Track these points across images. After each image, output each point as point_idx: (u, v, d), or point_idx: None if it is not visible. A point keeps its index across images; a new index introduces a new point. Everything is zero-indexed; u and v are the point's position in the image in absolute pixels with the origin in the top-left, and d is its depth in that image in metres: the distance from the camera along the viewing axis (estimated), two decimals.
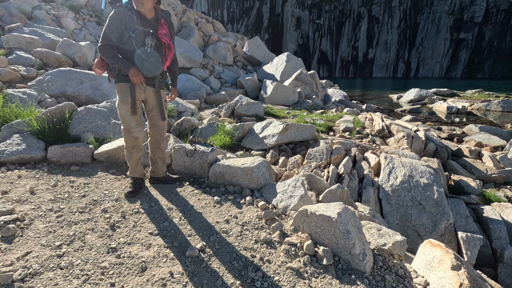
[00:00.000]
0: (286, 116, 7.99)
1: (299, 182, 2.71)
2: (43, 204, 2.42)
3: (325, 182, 3.31)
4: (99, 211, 2.40)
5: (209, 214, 2.54)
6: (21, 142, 3.41)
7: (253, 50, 16.38)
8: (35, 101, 4.88)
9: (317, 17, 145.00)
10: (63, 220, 2.23)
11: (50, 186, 2.76)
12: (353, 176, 3.74)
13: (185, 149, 3.29)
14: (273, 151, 4.41)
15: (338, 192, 3.06)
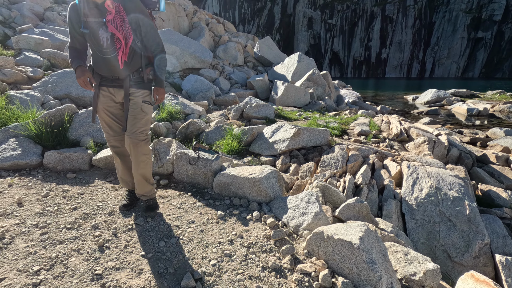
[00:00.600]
0: (298, 119, 7.65)
1: (313, 196, 2.39)
2: (29, 219, 2.19)
3: (342, 194, 2.98)
4: (89, 228, 2.16)
5: (211, 232, 2.25)
6: (16, 147, 3.22)
7: (263, 51, 16.08)
8: (38, 103, 4.73)
9: (329, 17, 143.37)
10: (47, 239, 1.99)
11: (40, 196, 2.54)
12: (372, 187, 3.39)
13: (188, 156, 3.03)
14: (283, 157, 4.10)
15: (356, 207, 2.72)
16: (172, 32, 10.55)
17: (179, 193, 2.82)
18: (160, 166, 3.18)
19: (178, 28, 14.90)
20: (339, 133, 6.30)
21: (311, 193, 2.43)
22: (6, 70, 5.50)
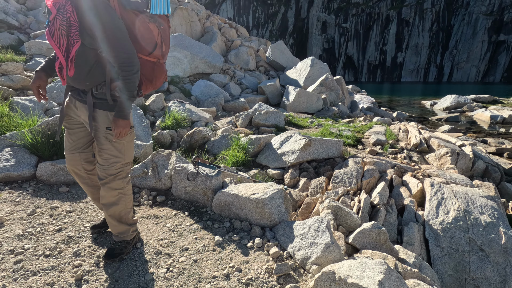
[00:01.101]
0: (309, 126, 7.33)
1: (323, 224, 2.08)
2: (7, 242, 1.99)
3: (356, 216, 2.65)
4: (70, 255, 1.93)
5: (206, 262, 1.98)
6: (10, 157, 3.08)
7: (276, 55, 15.84)
8: (42, 109, 4.64)
9: (344, 21, 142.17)
10: (21, 269, 1.77)
11: (26, 214, 2.35)
12: (391, 208, 3.04)
13: (187, 171, 2.78)
14: (292, 171, 3.80)
15: (373, 234, 2.39)
16: (183, 37, 10.47)
17: (176, 212, 2.58)
18: (158, 181, 2.95)
19: (191, 33, 14.89)
20: (353, 142, 5.93)
21: (321, 220, 2.13)
22: (14, 76, 5.48)
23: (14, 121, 3.81)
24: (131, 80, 1.60)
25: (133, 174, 3.03)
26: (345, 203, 3.09)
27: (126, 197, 1.91)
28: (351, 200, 3.17)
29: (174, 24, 14.14)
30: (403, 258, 2.37)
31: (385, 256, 2.16)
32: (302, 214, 3.06)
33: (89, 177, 1.96)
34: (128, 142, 1.83)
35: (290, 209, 2.51)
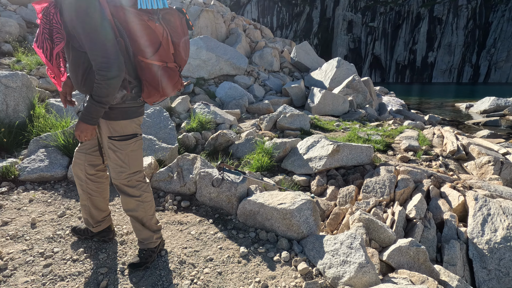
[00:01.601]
0: (336, 129, 7.08)
1: (356, 241, 1.93)
2: (37, 244, 2.02)
3: (390, 231, 2.46)
4: (96, 261, 1.92)
5: (231, 275, 1.90)
6: (44, 158, 3.19)
7: (300, 56, 15.60)
8: (75, 111, 4.82)
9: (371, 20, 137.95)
10: (50, 273, 1.78)
11: (56, 216, 2.40)
12: (429, 222, 2.80)
13: (212, 177, 2.73)
14: (319, 178, 3.63)
15: (411, 252, 2.19)
16: (209, 39, 10.57)
17: (200, 219, 2.53)
18: (182, 186, 2.92)
19: (216, 34, 15.04)
20: (383, 147, 5.63)
21: (354, 236, 1.97)
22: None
23: (49, 123, 3.97)
24: (102, 85, 1.45)
25: (158, 178, 3.03)
26: (377, 215, 2.89)
27: (145, 204, 1.86)
28: (383, 212, 2.96)
29: (200, 26, 14.35)
30: (444, 280, 2.15)
31: (425, 279, 1.97)
32: (330, 225, 2.91)
33: (86, 181, 1.88)
34: (131, 151, 1.74)
35: (319, 221, 2.37)
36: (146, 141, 3.71)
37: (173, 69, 1.68)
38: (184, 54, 1.76)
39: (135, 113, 1.71)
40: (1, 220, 2.23)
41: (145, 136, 3.78)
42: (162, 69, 1.63)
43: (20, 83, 4.14)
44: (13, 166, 2.99)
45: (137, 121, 1.75)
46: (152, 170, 3.09)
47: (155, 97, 1.70)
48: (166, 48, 1.62)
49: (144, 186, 1.85)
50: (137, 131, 1.76)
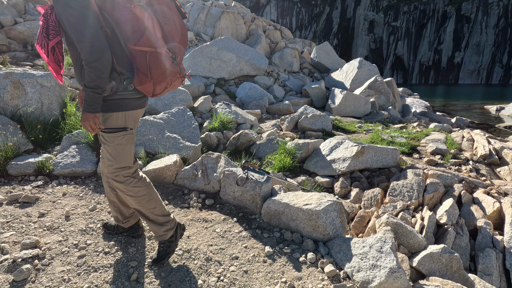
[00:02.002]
0: (357, 131, 6.93)
1: (387, 245, 1.87)
2: (71, 236, 2.11)
3: (420, 236, 2.36)
4: (126, 255, 1.98)
5: (257, 274, 1.90)
6: (76, 154, 3.33)
7: (321, 56, 15.41)
8: None
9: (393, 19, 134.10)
10: (84, 263, 1.85)
11: (87, 210, 2.49)
12: (461, 229, 2.66)
13: (236, 176, 2.74)
14: (343, 180, 3.56)
15: (443, 259, 2.10)
16: (230, 40, 10.67)
17: (224, 217, 2.54)
18: (207, 184, 2.96)
19: (236, 35, 15.17)
20: (408, 150, 5.45)
21: (384, 240, 1.91)
22: None
23: (80, 121, 4.14)
24: (87, 70, 1.47)
25: (183, 175, 3.08)
26: (405, 220, 2.79)
27: (140, 199, 1.82)
28: (411, 217, 2.86)
29: (221, 27, 14.53)
30: None
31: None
32: (355, 228, 2.84)
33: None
34: (118, 145, 1.71)
35: (345, 223, 2.32)
36: (171, 140, 3.79)
37: (163, 54, 1.63)
38: (178, 39, 1.71)
39: (129, 105, 1.68)
40: (39, 212, 2.35)
41: (169, 135, 3.86)
42: (150, 55, 1.58)
43: (54, 82, 4.35)
44: (48, 161, 3.14)
45: (131, 115, 1.72)
46: (177, 167, 3.15)
47: (147, 85, 1.64)
48: (153, 33, 1.59)
49: (133, 182, 1.81)
50: (128, 125, 1.72)
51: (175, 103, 5.79)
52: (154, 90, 1.67)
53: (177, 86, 1.83)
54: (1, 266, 1.76)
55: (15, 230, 2.12)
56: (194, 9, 14.95)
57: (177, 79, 1.73)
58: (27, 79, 4.07)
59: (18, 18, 8.35)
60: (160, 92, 1.72)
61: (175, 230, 1.96)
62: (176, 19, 1.72)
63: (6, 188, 2.71)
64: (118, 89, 1.62)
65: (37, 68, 6.59)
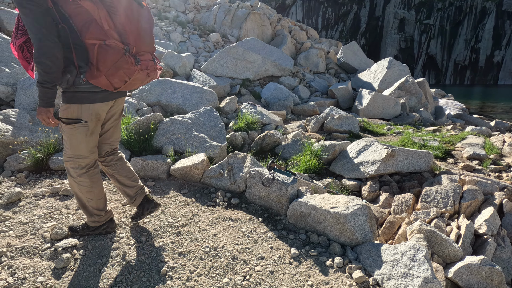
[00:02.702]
0: (386, 133, 6.68)
1: (420, 253, 1.78)
2: None
3: (456, 246, 2.23)
4: (155, 249, 2.05)
5: (283, 276, 1.88)
6: None
7: (348, 57, 15.04)
8: (134, 109, 5.23)
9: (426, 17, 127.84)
10: (117, 255, 1.94)
11: (120, 204, 2.61)
12: (503, 240, 2.48)
13: (262, 176, 2.74)
14: (371, 183, 3.45)
15: (483, 272, 1.96)
16: (256, 41, 10.72)
17: (250, 217, 2.55)
18: (233, 183, 2.99)
19: (262, 36, 15.22)
20: (441, 154, 5.16)
21: (417, 248, 1.82)
22: None
23: None
24: (36, 66, 1.53)
25: (209, 174, 3.14)
26: (439, 228, 2.64)
27: (81, 187, 1.92)
28: (446, 225, 2.70)
29: (246, 28, 14.65)
30: None
31: None
32: (384, 233, 2.74)
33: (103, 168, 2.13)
34: (72, 135, 1.79)
35: (375, 228, 2.24)
36: (198, 139, 3.87)
37: (112, 46, 1.61)
38: (133, 30, 1.70)
39: (85, 99, 1.71)
40: (76, 205, 2.50)
41: (197, 134, 3.95)
42: (99, 47, 1.59)
43: None
44: None
45: (88, 108, 1.74)
46: (204, 166, 3.21)
47: (101, 79, 1.65)
48: (100, 25, 1.59)
49: (81, 172, 1.88)
50: (83, 118, 1.75)
51: (202, 103, 5.92)
52: (112, 84, 1.69)
53: (146, 80, 1.84)
54: (44, 253, 1.89)
55: (56, 221, 2.27)
56: (221, 11, 15.20)
57: (138, 72, 1.72)
58: None
59: None
60: (121, 85, 1.73)
61: (103, 224, 2.12)
62: (133, 9, 1.69)
63: (48, 181, 2.91)
64: (75, 82, 1.66)
65: None
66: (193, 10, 16.11)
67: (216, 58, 9.42)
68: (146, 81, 1.87)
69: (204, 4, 16.74)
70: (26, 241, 2.00)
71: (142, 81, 1.83)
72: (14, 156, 3.10)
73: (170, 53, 8.63)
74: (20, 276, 1.70)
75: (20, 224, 2.18)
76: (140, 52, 1.76)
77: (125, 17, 1.65)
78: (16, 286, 1.64)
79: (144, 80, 1.84)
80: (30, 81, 4.23)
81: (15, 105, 4.17)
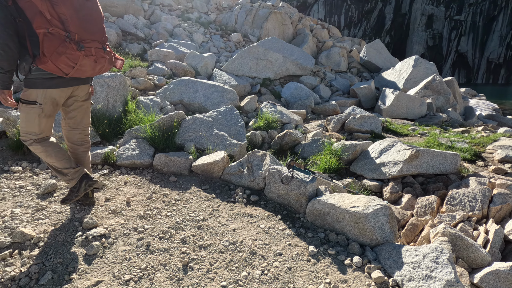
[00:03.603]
0: (410, 134, 6.46)
1: (443, 256, 1.73)
2: (131, 220, 2.34)
3: (483, 251, 2.14)
4: (178, 240, 2.14)
5: (300, 272, 1.90)
6: (135, 147, 3.66)
7: (371, 55, 14.66)
8: (158, 107, 5.42)
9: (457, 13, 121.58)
10: (142, 245, 2.05)
11: (145, 198, 2.73)
12: None
13: (281, 174, 2.77)
14: (393, 184, 3.36)
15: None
16: (277, 40, 10.72)
17: (268, 214, 2.59)
18: (252, 180, 3.04)
19: (283, 35, 15.18)
20: (470, 157, 4.92)
21: (440, 250, 1.77)
22: (140, 78, 6.58)
23: (139, 117, 4.54)
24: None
25: (229, 171, 3.20)
26: (465, 232, 2.54)
27: (41, 155, 2.12)
28: (473, 229, 2.59)
29: (267, 28, 14.66)
30: None
31: None
32: (406, 236, 2.67)
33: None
34: (26, 114, 2.00)
35: (396, 229, 2.20)
36: (219, 137, 3.96)
37: (53, 33, 1.79)
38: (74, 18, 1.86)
39: (42, 84, 1.93)
40: (105, 197, 2.65)
41: (218, 132, 4.04)
42: (44, 35, 1.77)
43: (118, 82, 4.84)
44: (112, 153, 3.51)
45: (43, 93, 1.96)
46: (224, 163, 3.28)
47: (49, 64, 1.82)
48: (44, 14, 1.76)
49: (31, 142, 2.08)
50: (38, 101, 1.97)
51: (223, 102, 6.02)
52: (60, 69, 1.87)
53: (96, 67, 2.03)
54: (76, 241, 2.03)
55: (86, 211, 2.42)
56: (242, 11, 15.31)
57: (83, 58, 1.90)
58: (97, 79, 4.58)
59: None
60: (70, 71, 1.91)
61: (79, 180, 2.23)
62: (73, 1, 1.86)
63: None
64: (31, 70, 1.89)
65: None
66: (215, 11, 16.36)
67: (237, 57, 9.53)
68: (97, 68, 2.06)
69: (226, 5, 16.95)
70: (60, 229, 2.15)
71: (92, 68, 2.02)
72: None
73: (193, 53, 8.83)
74: (55, 261, 1.84)
75: (55, 213, 2.35)
76: (86, 40, 1.94)
77: (66, 8, 1.83)
78: (52, 269, 1.78)
79: (95, 67, 2.03)
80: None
81: None
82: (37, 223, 2.19)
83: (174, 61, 8.30)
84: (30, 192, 2.62)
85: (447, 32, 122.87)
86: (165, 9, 14.21)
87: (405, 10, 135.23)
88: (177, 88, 6.09)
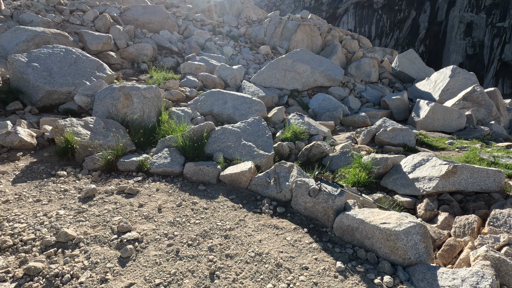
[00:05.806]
0: (447, 148, 6.10)
1: (485, 281, 1.61)
2: (162, 226, 2.44)
3: None
4: (206, 249, 2.19)
5: None
6: (167, 156, 3.83)
7: (404, 65, 14.17)
8: (189, 118, 5.64)
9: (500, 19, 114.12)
10: (171, 251, 2.13)
11: (175, 205, 2.84)
12: None
13: (308, 187, 2.75)
14: (428, 201, 3.19)
15: None
16: (305, 52, 10.76)
17: (295, 226, 2.57)
18: (279, 192, 3.04)
19: (311, 47, 15.21)
20: None
21: (481, 275, 1.65)
22: (173, 90, 6.92)
23: (171, 127, 4.76)
24: None
25: (256, 182, 3.23)
26: (510, 257, 2.33)
27: None
28: None
29: (296, 40, 14.78)
30: None
31: None
32: (442, 257, 2.50)
33: None
34: None
35: (431, 249, 2.08)
36: (246, 147, 4.02)
37: None
38: None
39: None
40: (138, 203, 2.80)
41: (245, 143, 4.11)
42: None
43: (153, 94, 5.12)
44: (146, 161, 3.70)
45: None
46: (251, 174, 3.33)
47: None
48: None
49: None
50: None
51: (251, 113, 6.13)
52: None
53: None
54: (112, 243, 2.16)
55: (122, 216, 2.57)
56: (271, 24, 15.62)
57: None
58: (135, 91, 4.89)
59: (129, 41, 10.13)
60: None
61: None
62: None
63: (116, 180, 3.30)
64: None
65: (141, 82, 7.85)
66: (245, 25, 16.85)
67: (265, 69, 9.68)
68: None
69: (256, 18, 17.40)
70: (98, 231, 2.30)
71: None
72: (90, 157, 3.59)
73: (222, 65, 9.13)
74: (94, 261, 1.97)
75: (94, 216, 2.52)
76: None
77: None
78: (91, 269, 1.90)
79: None
80: (105, 92, 4.87)
81: (93, 113, 4.84)
82: (78, 225, 2.36)
83: (205, 73, 8.63)
84: (73, 195, 2.83)
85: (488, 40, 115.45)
86: (197, 24, 14.88)
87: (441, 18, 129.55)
88: (207, 100, 6.31)
